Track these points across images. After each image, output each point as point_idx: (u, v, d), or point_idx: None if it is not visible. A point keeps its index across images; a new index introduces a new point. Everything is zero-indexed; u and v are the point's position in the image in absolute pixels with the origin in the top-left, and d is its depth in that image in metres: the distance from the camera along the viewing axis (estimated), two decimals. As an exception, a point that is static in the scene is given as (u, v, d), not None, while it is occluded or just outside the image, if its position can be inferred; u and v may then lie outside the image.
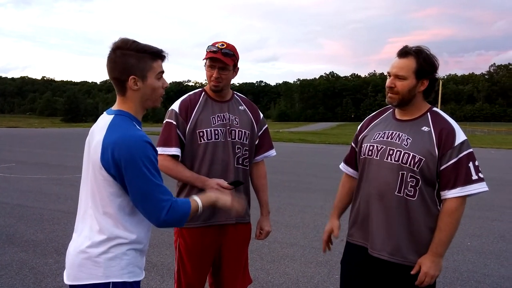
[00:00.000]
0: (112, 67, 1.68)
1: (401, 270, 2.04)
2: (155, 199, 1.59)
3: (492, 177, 12.26)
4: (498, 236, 5.95)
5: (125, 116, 1.69)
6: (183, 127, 2.44)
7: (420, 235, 2.03)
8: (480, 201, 8.42)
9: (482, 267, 4.67)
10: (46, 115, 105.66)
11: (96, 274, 1.62)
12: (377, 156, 2.09)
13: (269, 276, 4.26)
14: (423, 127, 2.04)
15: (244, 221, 2.57)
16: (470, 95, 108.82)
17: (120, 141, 1.57)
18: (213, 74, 2.42)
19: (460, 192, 1.96)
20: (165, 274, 4.21)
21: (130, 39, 1.71)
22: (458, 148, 1.96)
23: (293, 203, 7.76)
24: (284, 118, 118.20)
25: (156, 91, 1.74)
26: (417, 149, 2.00)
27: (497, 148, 26.52)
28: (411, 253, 2.03)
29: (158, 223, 1.62)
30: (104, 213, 1.64)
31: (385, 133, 2.13)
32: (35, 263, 4.41)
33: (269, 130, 2.74)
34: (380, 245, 2.06)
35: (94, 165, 1.64)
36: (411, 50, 2.03)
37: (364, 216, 2.16)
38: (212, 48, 2.40)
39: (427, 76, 2.03)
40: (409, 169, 2.00)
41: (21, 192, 8.25)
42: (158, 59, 1.73)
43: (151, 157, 1.60)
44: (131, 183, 1.57)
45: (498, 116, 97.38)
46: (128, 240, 1.66)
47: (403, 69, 2.02)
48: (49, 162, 13.27)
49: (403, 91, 2.03)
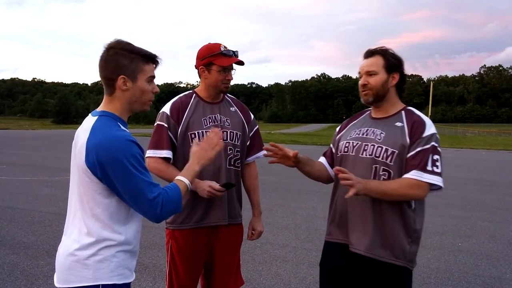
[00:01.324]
0: (103, 65, 1.68)
1: (377, 265, 2.06)
2: (147, 197, 1.57)
3: (483, 178, 12.38)
4: (489, 237, 6.00)
5: (109, 116, 1.68)
6: (175, 129, 2.44)
7: (392, 230, 2.05)
8: (471, 202, 8.50)
9: (473, 268, 4.71)
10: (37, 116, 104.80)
11: (86, 277, 1.61)
12: (353, 152, 2.14)
13: (261, 277, 4.27)
14: (396, 123, 2.11)
15: (236, 222, 2.56)
16: (461, 96, 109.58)
17: (104, 143, 1.56)
18: (226, 77, 2.44)
19: (415, 175, 1.98)
20: (157, 275, 4.19)
21: (124, 40, 1.71)
22: (426, 139, 2.02)
23: (285, 205, 7.77)
24: (276, 119, 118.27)
25: (146, 94, 1.73)
26: (390, 142, 2.05)
27: (487, 149, 26.74)
28: (383, 248, 2.05)
29: (156, 219, 1.62)
30: (92, 215, 1.62)
31: (361, 130, 2.19)
32: (26, 266, 4.37)
33: (260, 131, 2.75)
34: (358, 240, 2.08)
35: (79, 168, 1.62)
36: (377, 49, 2.15)
37: (342, 212, 2.17)
38: (226, 52, 2.41)
39: (396, 70, 2.12)
40: (382, 163, 2.05)
41: (11, 194, 8.19)
42: (151, 63, 1.73)
43: (136, 155, 1.58)
44: (120, 184, 1.56)
45: (488, 117, 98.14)
46: (117, 242, 1.64)
47: (372, 65, 2.11)
48: (40, 164, 13.18)
49: (377, 86, 2.11)
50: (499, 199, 9.00)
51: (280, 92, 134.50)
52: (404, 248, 2.05)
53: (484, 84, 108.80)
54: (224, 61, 2.40)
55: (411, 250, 2.08)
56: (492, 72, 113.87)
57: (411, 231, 2.08)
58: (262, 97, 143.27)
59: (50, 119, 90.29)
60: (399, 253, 2.05)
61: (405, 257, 2.06)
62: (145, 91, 1.72)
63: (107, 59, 1.67)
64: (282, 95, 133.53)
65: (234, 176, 2.52)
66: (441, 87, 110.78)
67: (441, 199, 8.76)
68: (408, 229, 2.07)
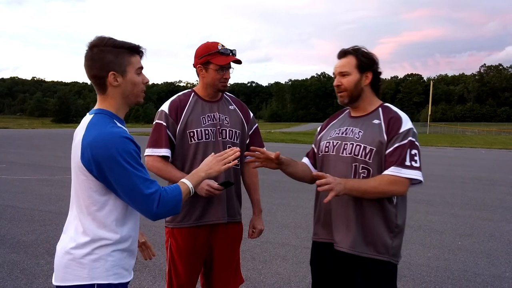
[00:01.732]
0: (90, 65, 1.67)
1: (362, 262, 2.10)
2: (142, 193, 1.56)
3: (482, 176, 12.39)
4: (489, 235, 6.00)
5: (104, 114, 1.68)
6: (173, 127, 2.44)
7: (373, 227, 2.08)
8: (470, 201, 8.51)
9: (472, 266, 4.72)
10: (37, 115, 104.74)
11: (81, 276, 1.61)
12: (333, 152, 2.18)
13: (261, 276, 4.27)
14: (374, 120, 2.15)
15: (236, 221, 2.57)
16: (461, 95, 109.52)
17: (98, 140, 1.55)
18: (224, 75, 2.44)
19: (394, 172, 2.01)
20: (157, 274, 4.20)
21: (106, 36, 1.69)
22: (403, 135, 2.05)
23: (285, 203, 7.77)
24: (276, 118, 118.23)
25: (137, 86, 1.72)
26: (368, 140, 2.09)
27: (487, 148, 26.74)
28: (366, 245, 2.09)
29: (151, 216, 1.61)
30: (88, 214, 1.62)
31: (340, 129, 2.23)
32: (26, 264, 4.38)
33: (259, 130, 2.75)
34: (342, 239, 2.11)
35: (76, 166, 1.63)
36: (349, 49, 2.18)
37: (326, 212, 2.20)
38: (223, 51, 2.41)
39: (369, 69, 2.16)
40: (361, 161, 2.08)
41: (11, 193, 8.19)
42: (136, 55, 1.72)
43: (131, 152, 1.57)
44: (116, 180, 1.55)
45: (488, 116, 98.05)
46: (113, 241, 1.64)
47: (345, 66, 2.16)
48: (40, 163, 13.18)
49: (350, 86, 2.15)
50: (499, 198, 9.00)
51: (280, 91, 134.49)
52: (386, 243, 2.09)
53: (484, 83, 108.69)
54: (221, 60, 2.41)
55: (394, 244, 2.11)
56: (492, 71, 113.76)
57: (393, 226, 2.11)
58: (262, 96, 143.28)
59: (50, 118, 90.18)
60: (382, 249, 2.09)
61: (387, 252, 2.10)
62: (136, 83, 1.72)
63: (93, 57, 1.66)
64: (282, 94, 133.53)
65: (234, 174, 2.52)
66: (441, 86, 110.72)
67: (441, 197, 8.77)
68: (390, 224, 2.10)
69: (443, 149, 25.00)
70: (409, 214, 7.05)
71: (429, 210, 7.51)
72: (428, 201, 8.31)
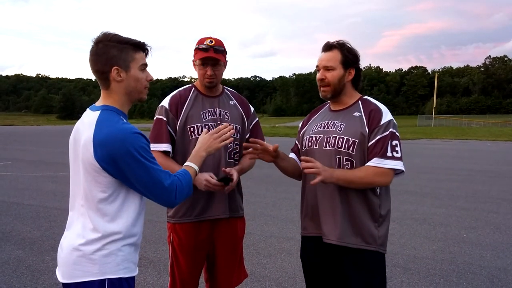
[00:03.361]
0: (94, 59, 1.69)
1: (351, 253, 2.13)
2: (162, 186, 1.63)
3: (488, 169, 12.32)
4: (494, 228, 5.97)
5: (111, 110, 1.69)
6: (174, 123, 2.44)
7: (359, 217, 2.12)
8: (476, 193, 8.47)
9: (478, 259, 4.69)
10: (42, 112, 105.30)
11: (92, 271, 1.62)
12: (316, 146, 2.21)
13: (266, 270, 4.27)
14: (354, 113, 2.19)
15: (238, 215, 2.56)
16: (466, 87, 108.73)
17: (112, 137, 1.57)
18: (207, 71, 2.42)
19: (376, 163, 2.06)
20: (162, 270, 4.20)
21: (111, 32, 1.70)
22: (384, 126, 2.10)
23: (290, 198, 7.76)
24: (280, 113, 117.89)
25: (140, 83, 1.74)
26: (350, 132, 2.13)
27: (493, 140, 26.60)
28: (354, 236, 2.12)
29: (171, 205, 1.72)
30: (98, 210, 1.63)
31: (322, 123, 2.26)
32: (31, 261, 4.40)
33: (260, 124, 2.73)
34: (330, 231, 2.14)
35: (85, 163, 1.62)
36: (334, 43, 2.20)
37: (313, 205, 2.23)
38: (202, 46, 2.40)
39: (352, 66, 2.20)
40: (345, 153, 2.12)
41: (17, 190, 8.23)
42: (141, 51, 1.73)
43: (144, 146, 1.61)
44: (134, 176, 1.59)
45: (493, 108, 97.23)
46: (123, 236, 1.65)
47: (330, 60, 2.18)
48: (45, 160, 13.24)
49: (334, 81, 2.18)
50: (505, 190, 8.95)
51: (285, 85, 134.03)
52: (372, 233, 2.14)
53: (489, 75, 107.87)
54: (199, 55, 2.41)
55: (379, 234, 2.16)
56: (497, 62, 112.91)
57: (377, 216, 2.16)
58: (266, 91, 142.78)
59: (55, 114, 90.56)
60: (369, 239, 2.13)
61: (375, 241, 2.14)
62: (139, 79, 1.73)
63: (97, 52, 1.68)
64: (286, 88, 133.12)
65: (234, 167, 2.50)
66: (446, 78, 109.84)
67: (446, 190, 8.73)
68: (374, 214, 2.15)
69: (448, 142, 24.90)
70: (415, 207, 7.07)
71: (435, 203, 7.48)
72: (433, 194, 8.28)
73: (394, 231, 5.49)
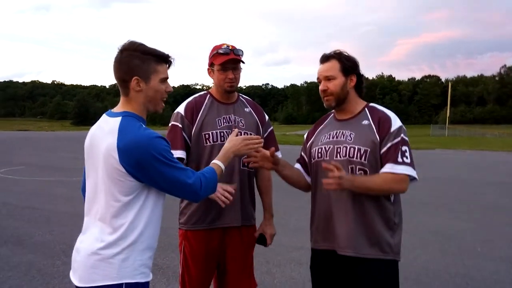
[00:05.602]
0: (117, 67, 1.73)
1: (367, 264, 2.09)
2: (187, 183, 1.68)
3: (503, 181, 12.12)
4: (510, 242, 5.86)
5: (132, 117, 1.72)
6: (189, 129, 2.43)
7: (375, 227, 2.09)
8: (491, 206, 8.33)
9: (493, 273, 4.60)
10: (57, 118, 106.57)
11: (110, 275, 1.63)
12: (327, 157, 2.18)
13: (275, 280, 4.23)
14: (363, 121, 2.17)
15: (249, 224, 2.54)
16: (480, 97, 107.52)
17: (137, 142, 1.61)
18: (228, 75, 2.42)
19: (388, 169, 2.05)
20: (170, 277, 4.19)
21: (137, 41, 1.74)
22: (394, 133, 2.10)
23: (300, 206, 7.69)
24: (291, 121, 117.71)
25: (159, 93, 1.76)
26: (361, 141, 2.11)
27: (508, 151, 26.17)
28: (371, 246, 2.09)
29: (197, 199, 1.80)
30: (118, 214, 1.65)
31: (330, 134, 2.23)
32: (42, 265, 4.43)
33: (274, 132, 2.72)
34: (345, 243, 2.10)
35: (108, 168, 1.64)
36: (331, 53, 2.21)
37: (326, 217, 2.18)
38: (221, 51, 2.40)
39: (353, 72, 2.19)
40: (357, 162, 2.10)
41: (30, 194, 8.32)
42: (163, 63, 1.76)
43: (167, 149, 1.66)
44: (162, 178, 1.64)
45: (508, 118, 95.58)
46: (141, 240, 1.67)
47: (329, 70, 2.18)
48: (58, 165, 13.38)
49: (336, 90, 2.17)
50: (520, 202, 8.79)
51: (296, 93, 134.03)
52: (389, 241, 2.11)
53: (505, 84, 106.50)
54: (219, 59, 2.40)
55: (395, 242, 2.14)
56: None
57: (392, 224, 2.14)
58: (277, 99, 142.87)
59: (69, 120, 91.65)
60: (387, 248, 2.11)
61: (392, 250, 2.12)
62: (158, 90, 1.76)
63: (121, 60, 1.72)
64: (297, 96, 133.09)
65: (248, 177, 2.51)
66: (460, 88, 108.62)
67: (461, 202, 8.61)
68: (389, 223, 2.13)
69: (463, 152, 24.60)
70: (428, 219, 6.97)
71: (449, 215, 7.37)
72: (447, 205, 8.17)
73: (406, 242, 5.39)
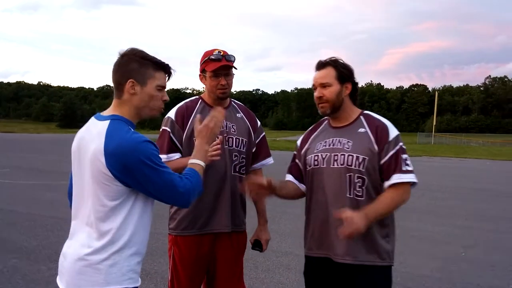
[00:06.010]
0: (115, 70, 1.74)
1: (364, 270, 2.10)
2: (178, 190, 1.65)
3: (487, 188, 12.30)
4: (493, 247, 5.94)
5: (121, 120, 1.70)
6: (179, 134, 2.43)
7: (372, 234, 2.10)
8: (475, 212, 8.44)
9: (476, 278, 4.66)
10: (42, 120, 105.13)
11: (97, 281, 1.62)
12: (323, 164, 2.17)
13: (264, 285, 4.24)
14: (359, 129, 2.17)
15: (239, 230, 2.54)
16: (466, 106, 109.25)
17: (124, 146, 1.59)
18: (220, 82, 2.41)
19: (398, 179, 2.07)
20: (159, 282, 4.17)
21: (139, 48, 1.76)
22: (393, 142, 2.11)
23: (288, 212, 7.72)
24: (281, 126, 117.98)
25: (154, 100, 1.75)
26: (359, 150, 2.11)
27: (492, 159, 26.56)
28: (369, 253, 2.10)
29: (186, 205, 1.74)
30: (105, 219, 1.63)
31: (326, 141, 2.22)
32: (27, 270, 4.36)
33: (266, 138, 2.73)
34: (344, 250, 2.10)
35: (95, 172, 1.62)
36: (327, 60, 2.20)
37: (322, 224, 2.18)
38: (213, 57, 2.40)
39: (348, 80, 2.19)
40: (355, 170, 2.10)
41: (14, 198, 8.20)
42: (162, 71, 1.76)
43: (155, 153, 1.63)
44: (150, 183, 1.61)
45: (492, 127, 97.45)
46: (129, 246, 1.66)
47: (325, 77, 2.17)
48: (43, 168, 13.21)
49: (332, 97, 2.16)
50: (504, 209, 8.93)
51: (286, 99, 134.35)
52: (386, 248, 2.13)
53: (489, 95, 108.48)
54: (211, 66, 2.40)
55: (391, 248, 2.16)
56: (497, 83, 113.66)
57: (387, 230, 2.15)
58: (268, 104, 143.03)
59: (55, 123, 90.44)
60: (384, 254, 2.13)
61: (389, 256, 2.14)
62: (154, 97, 1.75)
63: (120, 64, 1.73)
64: (288, 102, 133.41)
65: (239, 183, 2.50)
66: (446, 97, 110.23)
67: (445, 208, 8.70)
68: (385, 229, 2.15)
69: (448, 160, 24.86)
70: (415, 225, 7.03)
71: (435, 221, 7.44)
72: (433, 211, 8.25)
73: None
